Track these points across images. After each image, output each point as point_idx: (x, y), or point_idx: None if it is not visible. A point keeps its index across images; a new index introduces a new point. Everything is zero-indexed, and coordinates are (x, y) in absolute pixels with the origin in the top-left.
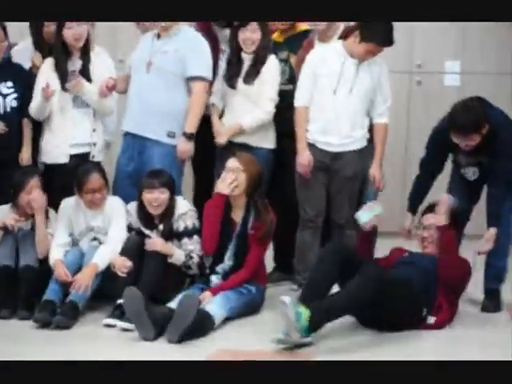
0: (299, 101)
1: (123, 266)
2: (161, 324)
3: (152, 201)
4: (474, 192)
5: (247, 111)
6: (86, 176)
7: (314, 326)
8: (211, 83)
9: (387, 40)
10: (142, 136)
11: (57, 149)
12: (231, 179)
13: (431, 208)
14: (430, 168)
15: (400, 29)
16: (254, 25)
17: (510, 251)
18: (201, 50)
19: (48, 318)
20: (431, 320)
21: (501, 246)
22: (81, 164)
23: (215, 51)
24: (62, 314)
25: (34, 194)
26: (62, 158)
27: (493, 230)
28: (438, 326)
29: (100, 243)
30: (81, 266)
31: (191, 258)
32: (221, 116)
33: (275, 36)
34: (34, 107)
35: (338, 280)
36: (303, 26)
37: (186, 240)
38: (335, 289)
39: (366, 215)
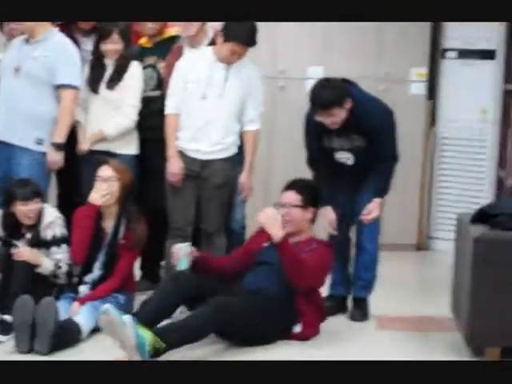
0: (169, 108)
1: None
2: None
3: (28, 213)
4: (353, 179)
5: (109, 117)
6: None
7: (156, 353)
8: None
9: (248, 39)
10: (9, 143)
11: None
12: (104, 190)
13: (290, 186)
14: (316, 159)
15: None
16: (115, 37)
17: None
18: (70, 58)
19: None
20: (297, 328)
21: (368, 260)
22: None
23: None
24: None
25: None
26: None
27: (378, 200)
28: (305, 336)
29: None
30: None
31: (59, 267)
32: None
33: (143, 41)
34: None
35: (186, 304)
36: (171, 31)
37: (54, 249)
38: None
39: (183, 263)
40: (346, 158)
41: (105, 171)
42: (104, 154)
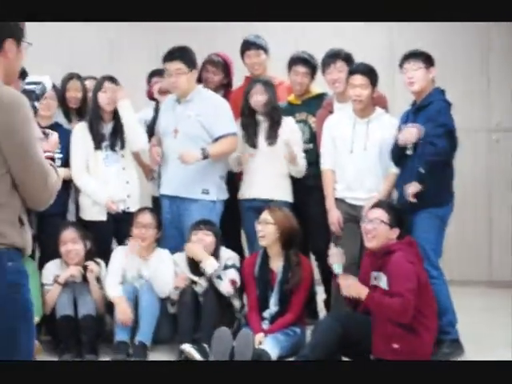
0: (324, 165)
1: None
2: None
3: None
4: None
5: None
6: (138, 212)
7: None
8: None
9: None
10: (179, 196)
11: (93, 207)
12: (260, 231)
13: (378, 204)
14: None
15: None
16: (259, 87)
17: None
18: (221, 110)
19: (125, 358)
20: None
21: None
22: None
23: None
24: (136, 355)
25: (67, 247)
26: (100, 216)
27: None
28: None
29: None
30: (135, 302)
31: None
32: None
33: (292, 98)
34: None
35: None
36: (317, 89)
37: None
38: None
39: (338, 266)
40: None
41: (262, 215)
42: (264, 201)
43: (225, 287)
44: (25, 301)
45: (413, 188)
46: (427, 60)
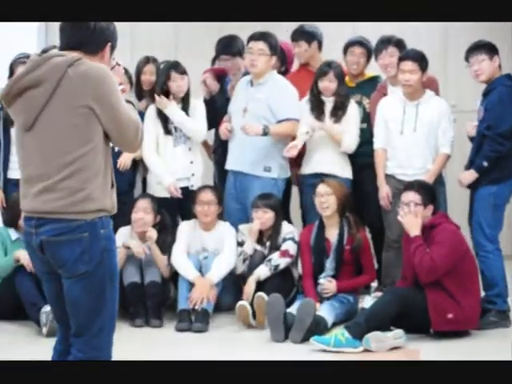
0: (376, 144)
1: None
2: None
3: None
4: None
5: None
6: (200, 190)
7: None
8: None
9: None
10: (242, 172)
11: (159, 184)
12: (322, 202)
13: (409, 187)
14: None
15: None
16: (331, 74)
17: None
18: (289, 95)
19: (188, 325)
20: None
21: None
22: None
23: None
24: (199, 321)
25: (138, 215)
26: (165, 193)
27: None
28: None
29: None
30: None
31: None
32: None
33: (347, 81)
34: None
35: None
36: (371, 73)
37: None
38: None
39: (370, 301)
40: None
41: (321, 188)
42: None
43: (276, 261)
44: (112, 265)
45: (469, 176)
46: (490, 50)
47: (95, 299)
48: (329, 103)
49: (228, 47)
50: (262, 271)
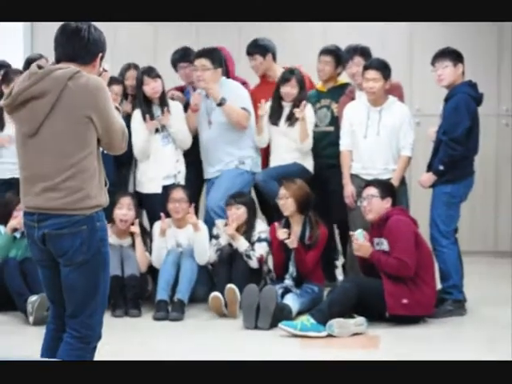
0: (343, 146)
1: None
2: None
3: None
4: None
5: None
6: (171, 188)
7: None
8: None
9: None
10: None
11: (151, 181)
12: (281, 205)
13: (369, 182)
14: None
15: None
16: (293, 81)
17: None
18: (240, 93)
19: (165, 315)
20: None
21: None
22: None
23: None
24: (175, 311)
25: (122, 211)
26: (156, 189)
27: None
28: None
29: None
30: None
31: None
32: None
33: (319, 86)
34: (139, 147)
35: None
36: (342, 80)
37: (256, 244)
38: None
39: (361, 235)
40: None
41: (280, 191)
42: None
43: (253, 264)
44: (106, 253)
45: (428, 179)
46: (455, 58)
47: (90, 284)
48: (287, 108)
49: (185, 56)
50: (243, 245)
